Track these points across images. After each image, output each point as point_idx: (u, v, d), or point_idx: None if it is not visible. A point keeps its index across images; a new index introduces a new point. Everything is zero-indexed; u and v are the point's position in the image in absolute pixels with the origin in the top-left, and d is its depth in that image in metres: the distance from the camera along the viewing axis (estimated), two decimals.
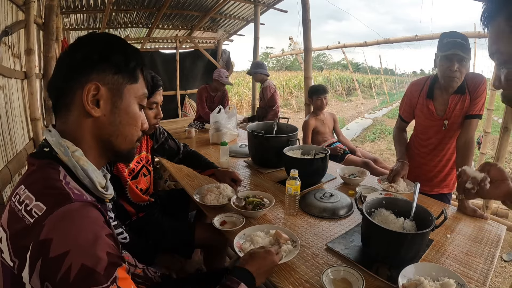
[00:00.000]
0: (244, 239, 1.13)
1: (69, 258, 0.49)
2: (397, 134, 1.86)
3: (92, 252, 0.51)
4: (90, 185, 0.64)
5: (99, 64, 0.63)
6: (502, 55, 0.57)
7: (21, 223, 0.53)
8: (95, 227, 0.54)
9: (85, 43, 0.65)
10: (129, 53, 0.67)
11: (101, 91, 0.63)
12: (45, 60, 2.34)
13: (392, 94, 18.26)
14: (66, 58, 0.64)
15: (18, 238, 0.54)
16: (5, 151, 1.35)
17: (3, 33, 1.50)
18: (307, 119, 2.88)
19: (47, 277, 0.50)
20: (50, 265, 0.49)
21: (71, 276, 0.49)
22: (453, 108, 1.59)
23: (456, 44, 1.45)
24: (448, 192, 1.80)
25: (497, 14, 0.55)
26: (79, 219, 0.53)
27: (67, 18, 4.04)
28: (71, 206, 0.53)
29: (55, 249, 0.49)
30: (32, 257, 0.50)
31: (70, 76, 0.62)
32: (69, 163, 0.61)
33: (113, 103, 0.65)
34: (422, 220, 1.05)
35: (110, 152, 0.70)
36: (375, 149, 6.41)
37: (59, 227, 0.51)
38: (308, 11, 3.47)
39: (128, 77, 0.66)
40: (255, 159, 2.04)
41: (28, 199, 0.55)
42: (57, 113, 0.66)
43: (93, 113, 0.63)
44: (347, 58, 11.41)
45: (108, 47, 0.65)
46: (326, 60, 38.04)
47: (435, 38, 4.57)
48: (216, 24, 5.44)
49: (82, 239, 0.51)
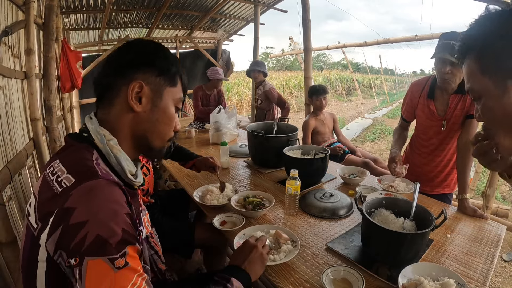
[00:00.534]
0: (244, 239, 1.13)
1: (86, 227, 0.54)
2: (398, 130, 1.87)
3: (109, 225, 0.56)
4: (120, 171, 0.70)
5: (145, 65, 0.71)
6: (474, 92, 0.60)
7: (50, 191, 0.60)
8: (115, 204, 0.59)
9: (134, 46, 0.74)
10: (171, 60, 0.75)
11: (144, 89, 0.70)
12: (45, 60, 2.34)
13: (392, 94, 18.26)
14: (116, 58, 0.72)
15: (45, 204, 0.59)
16: (5, 151, 1.35)
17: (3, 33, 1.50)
18: (307, 119, 2.88)
19: (63, 243, 0.55)
20: (69, 231, 0.54)
21: (85, 243, 0.53)
22: (453, 108, 1.59)
23: (447, 48, 1.44)
24: (449, 192, 1.80)
25: (467, 54, 0.59)
26: (102, 194, 0.58)
27: (67, 18, 4.04)
28: (97, 182, 0.59)
29: (76, 217, 0.54)
30: (54, 222, 0.56)
31: (118, 74, 0.70)
32: (104, 150, 0.68)
33: (153, 102, 0.72)
34: (422, 220, 1.05)
35: (143, 146, 0.76)
36: (375, 149, 6.41)
37: (83, 198, 0.56)
38: (308, 11, 3.47)
39: (168, 80, 0.74)
40: (255, 159, 2.04)
41: (60, 171, 0.62)
42: (99, 104, 0.73)
43: (135, 108, 0.70)
44: (347, 58, 11.43)
45: (154, 52, 0.73)
46: (326, 60, 38.06)
47: (435, 38, 4.57)
48: (216, 24, 5.44)
49: (101, 212, 0.56)
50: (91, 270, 0.53)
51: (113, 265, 0.54)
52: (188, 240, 1.44)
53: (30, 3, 1.85)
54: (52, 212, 0.56)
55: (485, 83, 0.57)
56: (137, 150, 0.76)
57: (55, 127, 2.34)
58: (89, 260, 0.53)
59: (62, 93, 3.51)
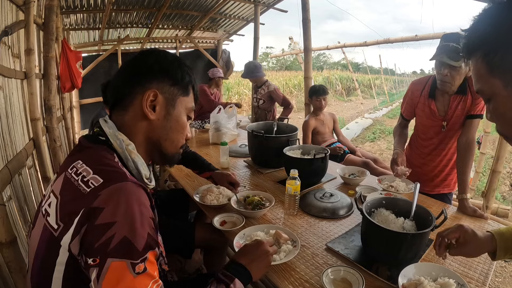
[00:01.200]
0: (244, 239, 1.13)
1: (114, 229, 0.54)
2: (398, 129, 1.86)
3: (136, 228, 0.56)
4: (137, 175, 0.72)
5: (159, 75, 0.73)
6: (483, 94, 0.56)
7: (75, 191, 0.59)
8: (143, 208, 0.59)
9: (150, 56, 0.75)
10: (185, 70, 0.77)
11: (158, 98, 0.73)
12: (45, 60, 2.34)
13: (392, 94, 18.25)
14: (131, 66, 0.75)
15: (69, 204, 0.59)
16: (5, 151, 1.35)
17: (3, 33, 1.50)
18: (307, 119, 2.88)
19: (86, 242, 0.55)
20: (94, 231, 0.54)
21: (111, 244, 0.53)
22: (454, 108, 1.59)
23: (446, 50, 1.43)
24: (449, 192, 1.80)
25: (473, 53, 0.54)
26: (131, 197, 0.58)
27: (67, 18, 4.03)
28: (126, 184, 0.59)
29: (104, 218, 0.54)
30: (80, 222, 0.55)
31: (134, 82, 0.72)
32: (123, 154, 0.70)
33: (167, 110, 0.75)
34: (422, 220, 1.05)
35: (156, 152, 0.78)
36: (375, 149, 6.41)
37: (113, 199, 0.56)
38: (308, 11, 3.47)
39: (182, 90, 0.77)
40: (255, 159, 2.04)
41: (85, 171, 0.61)
42: (113, 109, 0.75)
43: (149, 116, 0.72)
44: (347, 58, 11.41)
45: (170, 62, 0.75)
46: (326, 60, 38.07)
47: (435, 38, 4.57)
48: (216, 24, 5.44)
49: (130, 214, 0.56)
50: (111, 272, 0.53)
51: (133, 270, 0.54)
52: (188, 240, 1.44)
53: (30, 3, 1.85)
54: (78, 212, 0.56)
55: (494, 84, 0.52)
56: (150, 155, 0.79)
57: (55, 127, 2.34)
58: (112, 262, 0.53)
59: (62, 93, 3.51)
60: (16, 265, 1.11)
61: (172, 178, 3.16)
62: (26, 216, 1.48)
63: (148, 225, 0.58)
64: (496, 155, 2.40)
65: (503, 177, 4.47)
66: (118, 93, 0.74)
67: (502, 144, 2.37)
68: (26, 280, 0.67)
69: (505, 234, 0.84)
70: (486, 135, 3.84)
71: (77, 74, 3.57)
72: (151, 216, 0.61)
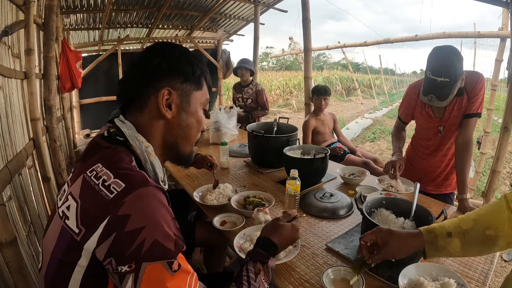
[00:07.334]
0: (244, 239, 1.13)
1: (144, 233, 0.55)
2: (396, 132, 1.86)
3: (165, 230, 0.58)
4: (154, 177, 0.72)
5: (169, 73, 0.71)
6: None
7: (97, 196, 0.59)
8: (165, 210, 0.61)
9: (157, 52, 0.73)
10: (195, 64, 0.75)
11: (172, 96, 0.71)
12: (45, 60, 2.34)
13: (392, 94, 18.25)
14: (139, 66, 0.72)
15: (92, 210, 0.59)
16: (5, 151, 1.35)
17: (3, 33, 1.50)
18: (307, 119, 2.88)
19: (115, 250, 0.55)
20: (124, 238, 0.55)
21: (143, 249, 0.54)
22: (451, 110, 1.59)
23: (434, 89, 1.41)
24: (451, 192, 1.80)
25: None
26: (154, 201, 0.59)
27: (67, 18, 4.03)
28: (148, 189, 0.60)
29: (132, 224, 0.55)
30: (107, 229, 0.56)
31: (145, 82, 0.71)
32: (141, 156, 0.69)
33: (182, 108, 0.73)
34: (422, 220, 1.05)
35: (172, 153, 0.77)
36: (375, 149, 6.41)
37: (138, 205, 0.57)
38: (308, 11, 3.47)
39: (194, 85, 0.75)
40: (255, 159, 2.03)
41: (105, 175, 0.61)
42: (127, 110, 0.74)
43: (166, 115, 0.71)
44: (347, 58, 11.41)
45: (177, 59, 0.73)
46: (326, 60, 38.05)
47: (435, 38, 4.58)
48: (216, 24, 5.44)
49: (156, 218, 0.58)
50: (148, 275, 0.54)
51: (170, 269, 0.56)
52: (188, 239, 1.44)
53: (30, 3, 1.85)
54: (103, 218, 0.56)
55: None
56: (164, 157, 0.78)
57: (55, 127, 2.34)
58: (147, 265, 0.54)
59: (62, 93, 3.51)
60: (16, 265, 1.11)
61: (172, 178, 3.15)
62: (26, 216, 1.48)
63: (173, 226, 0.60)
64: (496, 155, 2.40)
65: (503, 177, 4.47)
66: (130, 95, 0.73)
67: (502, 144, 2.37)
68: (39, 278, 0.68)
69: (435, 230, 0.79)
70: (486, 135, 3.85)
71: (77, 74, 3.57)
72: (173, 216, 0.63)
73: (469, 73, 1.54)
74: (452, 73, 1.38)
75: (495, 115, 7.12)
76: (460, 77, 1.41)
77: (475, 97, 1.52)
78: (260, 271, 0.77)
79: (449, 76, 1.38)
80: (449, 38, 4.36)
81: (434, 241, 0.78)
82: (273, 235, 0.89)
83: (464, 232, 0.77)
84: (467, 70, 1.51)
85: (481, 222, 0.77)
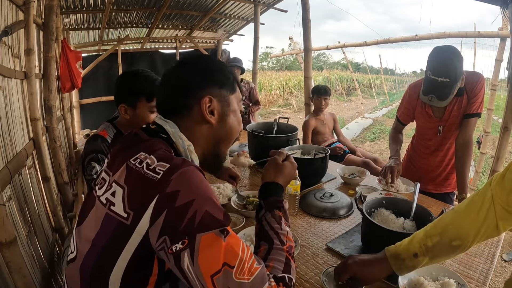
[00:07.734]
0: (244, 239, 1.13)
1: (194, 206, 0.58)
2: (393, 134, 1.86)
3: (213, 200, 0.62)
4: None
5: (206, 83, 0.76)
6: None
7: (144, 179, 0.61)
8: (208, 185, 0.65)
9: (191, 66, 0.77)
10: (224, 70, 0.79)
11: (213, 102, 0.75)
12: (45, 60, 2.34)
13: (392, 94, 18.24)
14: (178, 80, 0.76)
15: (140, 192, 0.61)
16: (5, 151, 1.35)
17: (3, 33, 1.50)
18: (307, 119, 2.88)
19: (168, 227, 0.57)
20: (176, 213, 0.57)
21: (195, 221, 0.57)
22: (450, 110, 1.59)
23: (434, 89, 1.41)
24: (450, 191, 1.80)
25: None
26: (197, 176, 0.63)
27: (67, 18, 4.03)
28: (190, 167, 0.63)
29: (182, 198, 0.58)
30: (157, 208, 0.58)
31: (186, 94, 0.75)
32: (183, 153, 0.72)
33: (224, 112, 0.78)
34: (422, 220, 1.05)
35: (211, 155, 0.80)
36: (375, 149, 6.41)
37: (185, 181, 0.60)
38: (308, 11, 3.47)
39: (230, 90, 0.79)
40: (255, 159, 2.02)
41: (149, 160, 0.64)
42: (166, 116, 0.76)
43: (211, 121, 0.76)
44: (347, 57, 11.41)
45: (212, 69, 0.78)
46: (326, 60, 38.04)
47: (435, 38, 4.58)
48: (216, 24, 5.43)
49: (204, 190, 0.62)
50: (204, 245, 0.56)
51: (222, 235, 0.59)
52: None
53: (30, 3, 1.85)
54: (151, 199, 0.58)
55: None
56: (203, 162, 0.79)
57: (55, 127, 2.34)
58: (202, 236, 0.57)
59: (62, 93, 3.51)
60: (16, 265, 1.11)
61: None
62: (26, 216, 1.47)
63: (215, 198, 0.64)
64: (496, 155, 2.40)
65: None
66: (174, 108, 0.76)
67: (502, 144, 2.37)
68: (69, 271, 0.68)
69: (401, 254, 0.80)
70: (486, 135, 3.85)
71: (77, 74, 3.57)
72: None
73: (469, 73, 1.54)
74: (452, 73, 1.38)
75: (495, 115, 7.12)
76: (460, 77, 1.41)
77: (475, 97, 1.52)
78: (280, 217, 0.77)
79: (449, 76, 1.38)
80: (449, 38, 4.36)
81: (402, 266, 0.80)
82: (277, 177, 0.87)
83: (430, 249, 0.77)
84: (467, 70, 1.51)
85: (447, 234, 0.77)
